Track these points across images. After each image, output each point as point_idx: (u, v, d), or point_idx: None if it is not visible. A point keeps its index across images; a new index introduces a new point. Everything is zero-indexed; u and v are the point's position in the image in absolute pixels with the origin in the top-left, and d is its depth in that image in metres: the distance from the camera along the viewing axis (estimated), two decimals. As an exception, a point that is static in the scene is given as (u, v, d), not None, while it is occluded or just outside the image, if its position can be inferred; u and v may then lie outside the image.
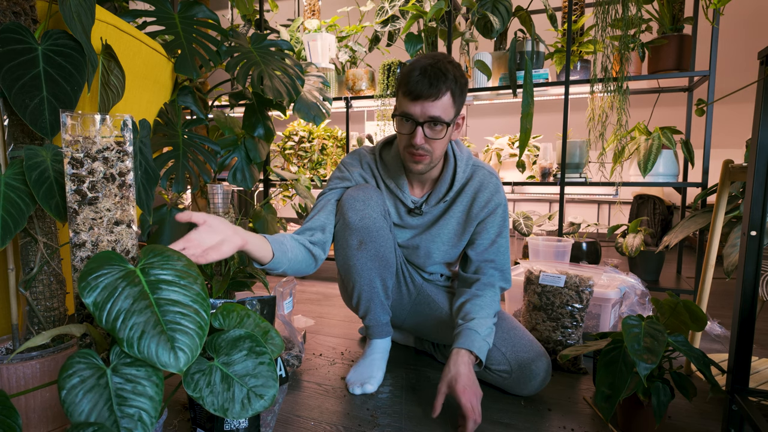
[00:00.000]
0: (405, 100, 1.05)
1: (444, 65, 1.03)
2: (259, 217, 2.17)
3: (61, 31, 0.92)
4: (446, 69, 1.03)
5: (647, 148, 1.90)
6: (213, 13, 1.52)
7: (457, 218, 1.21)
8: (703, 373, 0.89)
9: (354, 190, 1.17)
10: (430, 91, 1.01)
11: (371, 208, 1.15)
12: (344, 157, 1.28)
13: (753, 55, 3.33)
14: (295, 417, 1.07)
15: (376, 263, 1.17)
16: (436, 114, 1.04)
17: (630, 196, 3.76)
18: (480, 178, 1.20)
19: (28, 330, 0.93)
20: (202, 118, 1.65)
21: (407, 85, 1.03)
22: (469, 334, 1.07)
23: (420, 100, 1.03)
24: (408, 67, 1.06)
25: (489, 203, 1.18)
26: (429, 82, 1.01)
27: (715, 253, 1.23)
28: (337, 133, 2.87)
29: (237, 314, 0.87)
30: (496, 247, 1.20)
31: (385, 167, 1.23)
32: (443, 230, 1.22)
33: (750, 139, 1.14)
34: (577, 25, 2.14)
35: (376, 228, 1.15)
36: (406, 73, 1.05)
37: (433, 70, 1.02)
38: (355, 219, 1.14)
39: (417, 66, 1.04)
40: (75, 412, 0.65)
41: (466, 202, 1.20)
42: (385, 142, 1.26)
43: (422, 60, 1.05)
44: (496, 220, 1.20)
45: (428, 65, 1.03)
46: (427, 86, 1.01)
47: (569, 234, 2.29)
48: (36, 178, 0.82)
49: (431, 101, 1.02)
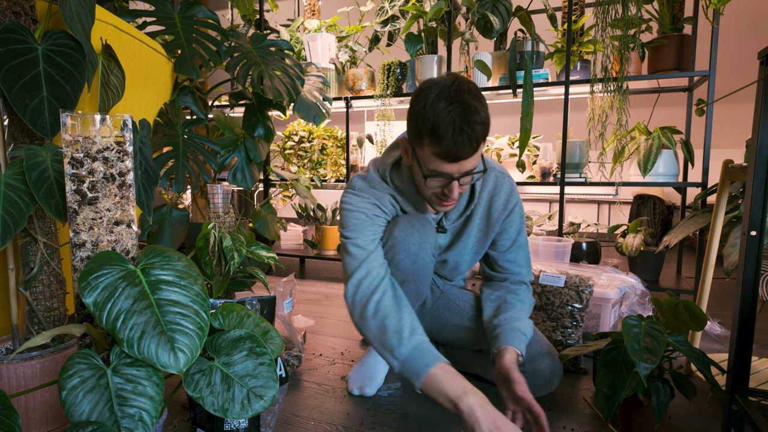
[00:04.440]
0: (437, 161, 0.91)
1: (473, 108, 0.87)
2: (259, 217, 2.18)
3: (61, 31, 0.92)
4: (476, 113, 0.87)
5: (647, 148, 1.90)
6: (213, 13, 1.52)
7: (477, 226, 1.15)
8: (703, 373, 0.89)
9: (409, 228, 1.05)
10: (470, 151, 0.89)
11: (425, 252, 1.06)
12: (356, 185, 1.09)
13: (753, 55, 3.33)
14: (295, 417, 1.07)
15: (412, 296, 1.13)
16: (473, 167, 0.93)
17: (630, 196, 3.76)
18: (493, 180, 1.13)
19: (28, 330, 0.93)
20: (202, 118, 1.65)
21: (441, 146, 0.88)
22: (517, 336, 1.04)
23: (459, 162, 0.90)
24: (432, 118, 0.88)
25: (507, 205, 1.13)
26: (467, 141, 0.87)
27: (715, 253, 1.23)
28: (337, 133, 2.87)
29: (237, 314, 0.87)
30: (518, 245, 1.17)
31: (401, 193, 1.09)
32: (467, 242, 1.16)
33: (750, 139, 1.14)
34: (577, 25, 2.14)
35: (423, 270, 1.08)
36: (433, 129, 0.87)
37: (467, 124, 0.86)
38: (407, 263, 1.05)
39: (445, 120, 0.86)
40: (75, 413, 0.65)
41: (484, 207, 1.14)
42: (392, 167, 1.09)
43: (449, 108, 0.87)
44: (515, 219, 1.15)
45: (460, 117, 0.86)
46: (467, 146, 0.88)
47: (569, 234, 2.29)
48: (36, 178, 0.82)
49: (469, 158, 0.91)
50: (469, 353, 1.28)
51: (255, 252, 1.34)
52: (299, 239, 2.89)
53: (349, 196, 1.08)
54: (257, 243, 1.36)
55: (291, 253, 2.73)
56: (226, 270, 1.26)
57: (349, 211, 1.07)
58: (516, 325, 1.06)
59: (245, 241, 1.32)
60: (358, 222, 1.05)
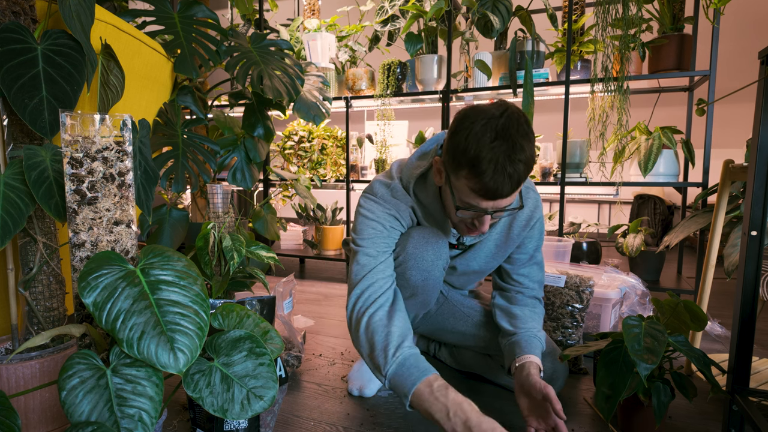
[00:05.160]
0: (473, 195, 0.86)
1: (519, 146, 0.81)
2: (259, 217, 2.17)
3: (60, 30, 0.92)
4: (521, 152, 0.81)
5: (648, 148, 1.89)
6: (213, 12, 1.52)
7: (494, 240, 1.10)
8: (704, 373, 0.89)
9: (423, 243, 1.02)
10: (509, 190, 0.84)
11: (437, 268, 1.03)
12: (378, 192, 1.05)
13: (753, 55, 3.33)
14: (295, 417, 1.07)
15: (419, 307, 1.11)
16: (509, 204, 0.88)
17: (630, 196, 3.76)
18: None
19: (28, 330, 0.93)
20: (201, 118, 1.65)
21: (479, 182, 0.82)
22: (535, 344, 1.04)
23: (495, 200, 0.86)
24: (473, 150, 0.81)
25: (529, 221, 1.08)
26: (508, 181, 0.82)
27: (715, 253, 1.23)
28: (337, 132, 2.87)
29: (237, 314, 0.87)
30: (534, 261, 1.14)
31: (424, 208, 1.05)
32: (479, 253, 1.12)
33: (750, 139, 1.14)
34: (578, 24, 2.14)
35: (433, 285, 1.06)
36: (474, 163, 0.81)
37: (511, 163, 0.81)
38: (417, 279, 1.03)
39: (488, 156, 0.80)
40: (75, 413, 0.65)
41: (504, 223, 1.09)
42: (417, 180, 1.04)
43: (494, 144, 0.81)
44: (534, 234, 1.10)
45: (504, 156, 0.80)
46: (507, 186, 0.82)
47: (569, 234, 2.28)
48: (35, 178, 0.82)
49: (507, 197, 0.86)
50: (474, 355, 1.28)
51: (255, 252, 1.34)
52: (299, 239, 2.89)
53: (369, 202, 1.04)
54: (257, 243, 1.36)
55: (291, 253, 2.73)
56: (226, 270, 1.26)
57: (366, 218, 1.03)
58: (535, 334, 1.06)
59: (245, 241, 1.32)
60: (375, 232, 1.02)
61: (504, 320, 1.12)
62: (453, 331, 1.24)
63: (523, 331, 1.07)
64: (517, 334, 1.07)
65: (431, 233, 1.03)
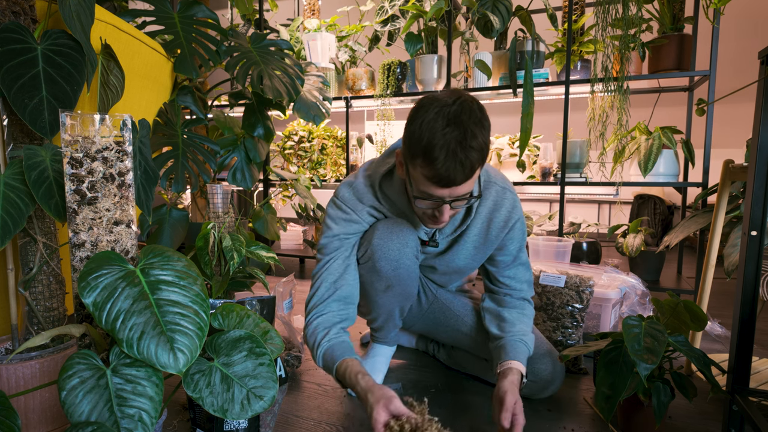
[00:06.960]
0: (428, 183, 0.87)
1: (471, 132, 0.82)
2: (259, 217, 2.17)
3: (60, 30, 0.92)
4: (473, 138, 0.82)
5: (648, 148, 1.89)
6: (213, 12, 1.52)
7: (473, 242, 1.10)
8: (704, 373, 0.89)
9: (387, 234, 1.04)
10: (463, 177, 0.84)
11: (406, 255, 1.04)
12: (340, 194, 1.08)
13: (753, 55, 3.33)
14: (295, 417, 1.07)
15: (400, 299, 1.13)
16: (466, 192, 0.89)
17: (630, 196, 3.76)
18: (494, 196, 1.07)
19: (28, 330, 0.93)
20: (201, 118, 1.65)
21: (432, 169, 0.83)
22: (521, 348, 1.04)
23: (450, 187, 0.86)
24: (426, 138, 0.82)
25: (508, 222, 1.08)
26: (460, 167, 0.82)
27: (715, 253, 1.23)
28: (337, 132, 2.87)
29: (237, 314, 0.87)
30: (519, 262, 1.14)
31: (391, 203, 1.07)
32: (458, 253, 1.12)
33: (750, 139, 1.14)
34: (578, 24, 2.14)
35: (406, 273, 1.07)
36: (426, 150, 0.82)
37: (462, 149, 0.81)
38: (388, 269, 1.05)
39: (439, 142, 0.81)
40: (75, 413, 0.65)
41: (482, 223, 1.08)
42: (383, 175, 1.05)
43: (445, 131, 0.81)
44: (515, 235, 1.10)
45: (455, 142, 0.81)
46: (459, 173, 0.83)
47: (569, 234, 2.28)
48: (35, 178, 0.82)
49: (461, 184, 0.86)
50: (470, 356, 1.28)
51: (255, 252, 1.34)
52: (299, 239, 2.89)
53: (332, 208, 1.08)
54: (257, 243, 1.36)
55: (291, 253, 2.73)
56: (226, 270, 1.26)
57: (328, 228, 1.08)
58: (521, 338, 1.06)
59: (245, 241, 1.32)
60: (335, 226, 1.07)
61: (492, 324, 1.13)
62: (446, 330, 1.25)
63: (510, 335, 1.07)
64: (503, 338, 1.07)
65: (396, 223, 1.05)
